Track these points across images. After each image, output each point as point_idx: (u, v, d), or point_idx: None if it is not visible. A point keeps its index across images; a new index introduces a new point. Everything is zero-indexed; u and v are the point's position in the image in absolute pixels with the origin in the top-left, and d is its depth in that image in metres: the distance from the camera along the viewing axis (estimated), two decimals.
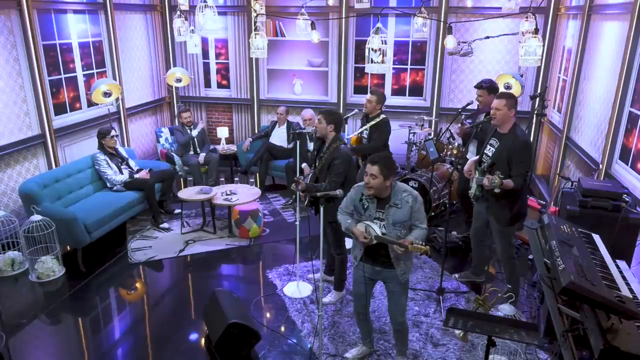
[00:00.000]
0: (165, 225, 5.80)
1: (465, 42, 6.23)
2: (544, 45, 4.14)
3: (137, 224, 5.87)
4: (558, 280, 2.59)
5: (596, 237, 3.23)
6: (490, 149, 3.94)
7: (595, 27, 5.27)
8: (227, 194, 5.66)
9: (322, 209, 3.27)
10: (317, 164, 4.07)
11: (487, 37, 6.36)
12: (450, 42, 5.47)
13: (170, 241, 5.48)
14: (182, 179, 6.72)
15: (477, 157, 4.17)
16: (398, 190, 3.09)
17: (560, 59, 6.53)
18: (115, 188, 5.68)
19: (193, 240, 5.50)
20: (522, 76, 6.91)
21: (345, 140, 4.37)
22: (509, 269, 4.14)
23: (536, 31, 3.70)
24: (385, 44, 3.38)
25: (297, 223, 4.36)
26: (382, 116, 5.03)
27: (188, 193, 5.63)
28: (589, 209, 3.46)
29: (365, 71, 3.72)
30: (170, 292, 4.65)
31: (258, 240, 5.51)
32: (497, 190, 3.56)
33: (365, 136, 5.13)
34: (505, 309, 3.12)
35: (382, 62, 3.37)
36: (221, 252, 5.26)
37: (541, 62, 6.67)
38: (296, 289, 4.44)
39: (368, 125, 5.05)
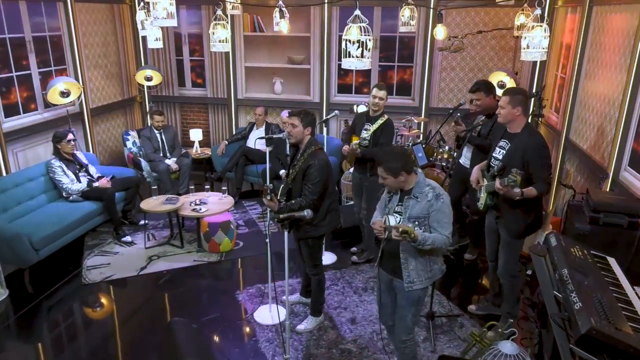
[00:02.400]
0: (127, 238, 5.25)
1: (455, 37, 5.77)
2: (550, 36, 3.60)
3: (98, 237, 5.32)
4: (574, 323, 2.11)
5: (612, 262, 2.77)
6: (500, 151, 3.44)
7: (599, 19, 4.81)
8: (195, 204, 5.13)
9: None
10: (290, 172, 3.56)
11: (480, 32, 5.90)
12: (440, 32, 4.98)
13: (132, 257, 4.93)
14: (151, 187, 6.17)
15: (484, 162, 3.67)
16: (421, 182, 2.80)
17: (557, 55, 6.07)
18: (71, 198, 5.12)
19: (157, 256, 4.96)
20: (516, 74, 6.46)
21: (322, 144, 3.85)
22: (508, 287, 3.66)
23: (541, 19, 3.20)
24: (368, 34, 2.86)
25: (268, 240, 3.84)
26: (386, 116, 4.53)
27: (152, 203, 5.09)
28: (601, 227, 2.99)
29: (342, 66, 3.21)
30: (126, 319, 4.10)
31: (230, 255, 4.99)
32: (516, 191, 3.02)
33: (367, 138, 4.58)
34: (506, 348, 2.63)
35: (362, 56, 2.85)
36: (187, 270, 4.73)
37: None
38: (268, 314, 3.93)
39: (372, 129, 4.51)
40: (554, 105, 6.14)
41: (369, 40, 2.93)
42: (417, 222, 2.75)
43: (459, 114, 4.57)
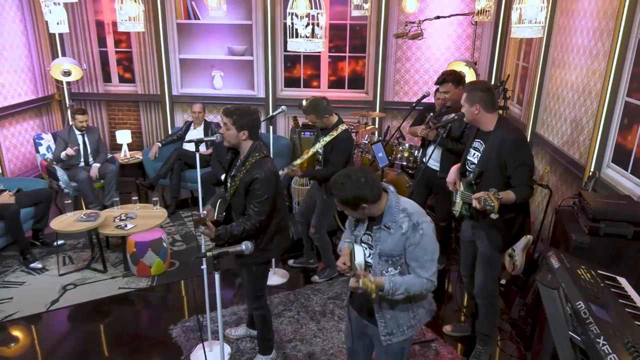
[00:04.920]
0: (37, 264, 4.38)
1: (413, 23, 5.25)
2: (547, 9, 3.00)
3: (0, 264, 4.41)
4: None
5: (624, 283, 2.29)
6: (474, 154, 2.92)
7: (566, 1, 4.42)
8: (120, 219, 4.34)
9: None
10: (229, 186, 2.88)
11: (438, 17, 5.41)
12: (411, 3, 4.46)
13: (42, 288, 4.08)
14: (64, 201, 5.28)
15: (460, 164, 3.15)
16: (394, 207, 2.12)
17: (518, 43, 5.69)
18: None
19: (74, 284, 4.14)
20: (476, 64, 6.04)
21: (269, 150, 3.16)
22: (485, 309, 3.15)
23: None
24: (319, 7, 2.23)
25: (204, 267, 3.14)
26: (341, 128, 3.85)
27: (65, 221, 4.24)
28: (602, 238, 2.51)
29: (288, 48, 2.57)
30: None
31: (163, 279, 4.23)
32: (493, 216, 2.52)
33: (321, 152, 3.97)
34: None
35: (313, 36, 2.22)
36: (111, 301, 3.94)
37: (506, 45, 5.83)
38: (208, 354, 3.24)
39: (323, 143, 3.86)
40: (517, 97, 5.77)
41: (321, 15, 2.30)
42: (390, 261, 2.13)
43: (432, 114, 4.01)
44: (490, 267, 3.01)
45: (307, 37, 2.36)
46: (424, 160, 4.23)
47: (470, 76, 5.57)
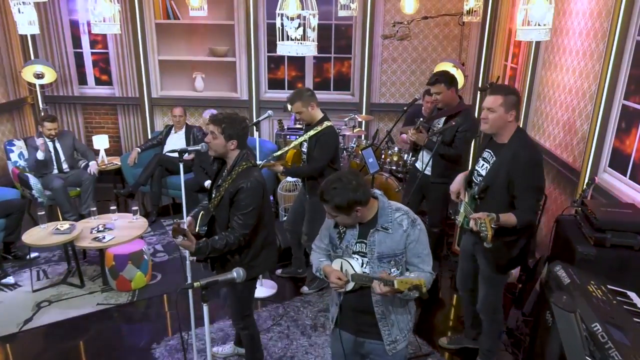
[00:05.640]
0: (9, 279, 4.13)
1: (400, 23, 5.12)
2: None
3: None
4: None
5: (634, 297, 2.19)
6: (483, 165, 2.74)
7: (558, 1, 4.33)
8: (98, 231, 4.11)
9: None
10: (213, 196, 2.70)
11: (425, 17, 5.30)
12: (410, 4, 4.34)
13: (15, 305, 3.84)
14: (37, 212, 5.02)
15: (467, 172, 2.99)
16: (387, 208, 2.11)
17: (505, 43, 5.61)
18: None
19: (49, 301, 3.90)
20: (463, 64, 5.96)
21: (256, 159, 2.98)
22: (488, 324, 3.03)
23: None
24: (311, 9, 2.07)
25: (190, 288, 2.94)
26: (326, 123, 3.68)
27: (38, 234, 4.00)
28: (609, 249, 2.41)
29: (278, 52, 2.40)
30: None
31: (144, 293, 4.02)
32: (486, 245, 2.37)
33: (305, 151, 3.82)
34: None
35: (304, 39, 2.06)
36: (88, 318, 3.72)
37: (493, 45, 5.73)
38: None
39: (306, 137, 3.71)
40: None
41: (313, 16, 2.14)
42: (392, 261, 2.07)
43: (421, 119, 3.88)
44: (492, 285, 2.89)
45: (297, 39, 2.20)
46: (415, 164, 4.11)
47: (458, 78, 5.46)
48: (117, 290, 4.02)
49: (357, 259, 2.11)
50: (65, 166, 5.27)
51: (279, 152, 3.99)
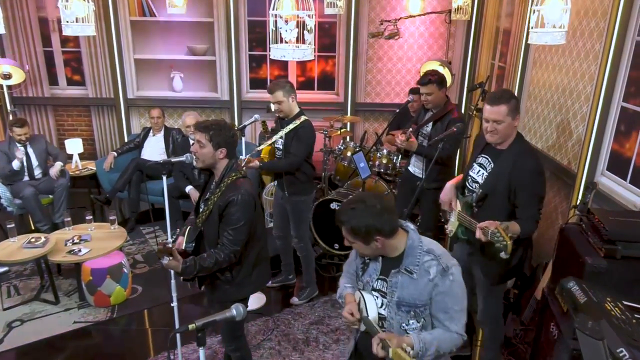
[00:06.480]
0: None
1: (388, 22, 4.98)
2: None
3: None
4: None
5: None
6: (479, 171, 2.64)
7: None
8: (73, 243, 3.86)
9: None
10: (201, 211, 2.51)
11: (411, 16, 5.16)
12: (415, 4, 4.21)
13: None
14: (17, 218, 4.72)
15: (459, 178, 2.88)
16: (417, 247, 1.80)
17: (493, 41, 5.52)
18: None
19: (21, 320, 3.64)
20: (450, 63, 5.85)
21: (244, 169, 2.79)
22: (489, 333, 2.93)
23: None
24: (307, 9, 1.90)
25: (175, 304, 2.76)
26: (303, 117, 3.57)
27: (8, 249, 3.72)
28: (619, 261, 2.31)
29: (271, 56, 2.22)
30: None
31: (125, 309, 3.80)
32: (503, 256, 2.26)
33: (281, 147, 3.67)
34: None
35: (301, 41, 1.89)
36: (64, 338, 3.47)
37: (479, 43, 5.62)
38: None
39: (283, 134, 3.58)
40: None
41: (309, 17, 1.97)
42: (412, 312, 1.82)
43: (411, 130, 3.74)
44: (491, 295, 2.79)
45: (292, 42, 2.02)
46: (408, 169, 3.99)
47: (446, 76, 5.35)
48: (95, 307, 3.78)
49: (377, 297, 1.87)
50: (37, 172, 4.97)
51: (259, 147, 3.87)
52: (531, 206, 2.48)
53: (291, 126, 3.54)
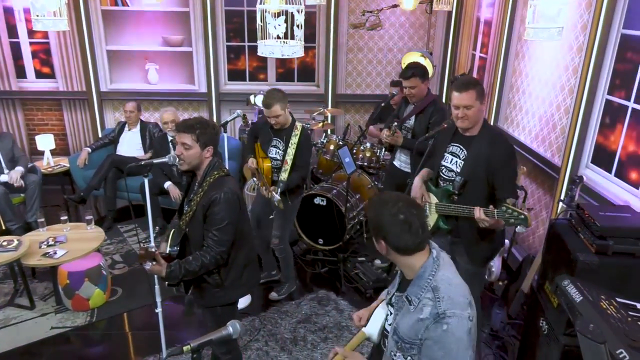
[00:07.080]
0: None
1: (370, 12, 4.90)
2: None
3: None
4: None
5: None
6: (453, 160, 2.70)
7: None
8: (48, 245, 3.70)
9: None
10: (185, 211, 2.41)
11: (395, 6, 5.09)
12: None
13: None
14: None
15: (425, 172, 2.89)
16: (426, 279, 1.59)
17: (473, 32, 5.50)
18: None
19: None
20: (431, 54, 5.81)
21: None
22: None
23: None
24: (297, 4, 1.81)
25: (159, 310, 2.66)
26: (299, 125, 3.47)
27: None
28: (610, 257, 2.30)
29: (259, 53, 2.11)
30: None
31: (104, 312, 3.66)
32: (522, 229, 2.42)
33: (279, 159, 3.54)
34: None
35: (290, 36, 1.80)
36: (42, 344, 3.33)
37: (459, 34, 5.57)
38: None
39: (291, 149, 3.44)
40: None
41: (299, 11, 1.88)
42: (399, 344, 1.62)
43: (395, 124, 3.68)
44: (476, 280, 2.80)
45: (280, 37, 1.93)
46: (393, 163, 3.94)
47: (428, 68, 5.30)
48: (74, 311, 3.64)
49: (391, 312, 1.74)
50: (5, 171, 4.74)
51: (285, 175, 3.61)
52: (510, 185, 2.60)
53: (295, 140, 3.43)
